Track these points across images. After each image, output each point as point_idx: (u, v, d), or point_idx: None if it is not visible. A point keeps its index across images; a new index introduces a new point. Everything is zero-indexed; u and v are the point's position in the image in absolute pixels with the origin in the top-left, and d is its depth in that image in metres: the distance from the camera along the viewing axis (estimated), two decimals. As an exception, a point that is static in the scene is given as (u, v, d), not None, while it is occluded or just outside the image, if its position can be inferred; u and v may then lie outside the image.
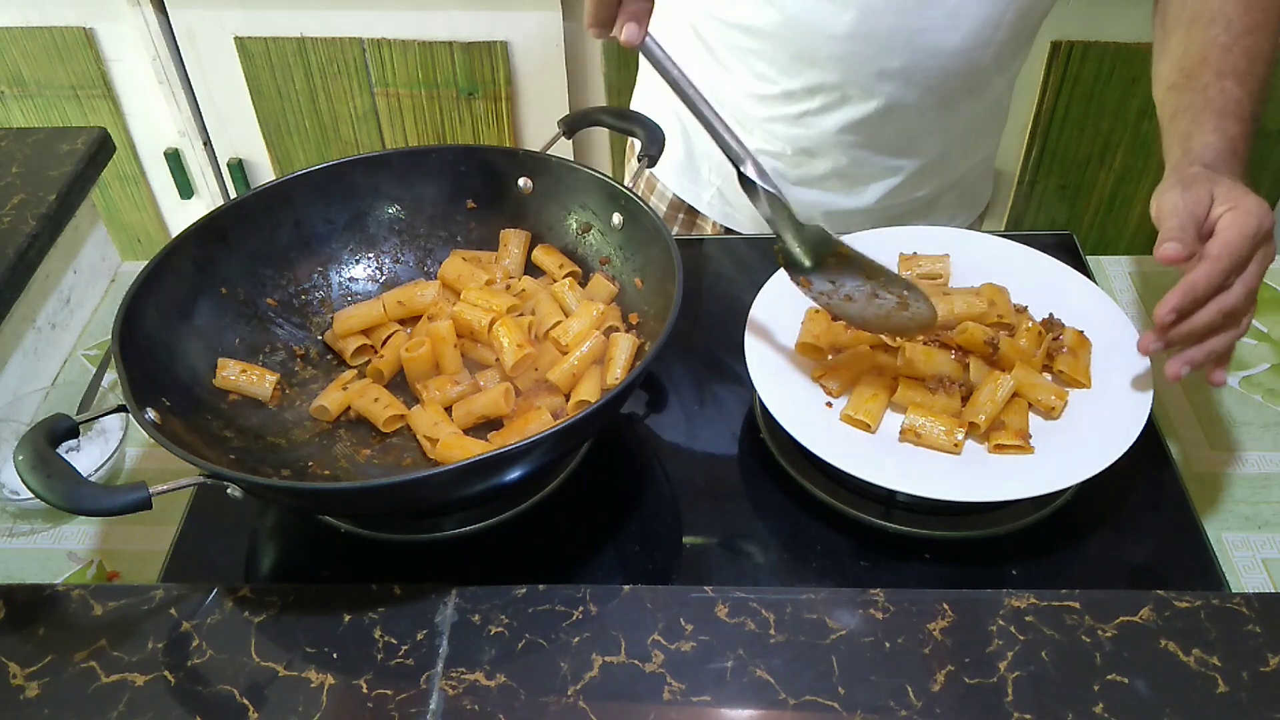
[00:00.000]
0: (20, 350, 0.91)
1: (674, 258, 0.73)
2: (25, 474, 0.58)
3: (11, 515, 0.80)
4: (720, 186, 1.06)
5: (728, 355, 0.88)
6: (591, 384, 0.76)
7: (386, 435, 0.78)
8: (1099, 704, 0.56)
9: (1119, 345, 0.78)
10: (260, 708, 0.58)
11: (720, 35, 0.95)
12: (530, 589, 0.64)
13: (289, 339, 0.83)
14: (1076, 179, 1.70)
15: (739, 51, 0.94)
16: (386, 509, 0.74)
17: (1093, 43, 1.54)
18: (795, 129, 0.96)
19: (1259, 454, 0.80)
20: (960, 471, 0.71)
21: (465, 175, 0.87)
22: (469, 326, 0.79)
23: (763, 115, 0.96)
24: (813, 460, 0.74)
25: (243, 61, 1.67)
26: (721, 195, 1.06)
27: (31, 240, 0.89)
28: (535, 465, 0.68)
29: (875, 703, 0.57)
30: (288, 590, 0.65)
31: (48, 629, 0.63)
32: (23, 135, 1.01)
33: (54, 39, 1.65)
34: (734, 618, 0.62)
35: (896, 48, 0.86)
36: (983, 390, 0.75)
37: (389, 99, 1.71)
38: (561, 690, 0.58)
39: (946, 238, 0.89)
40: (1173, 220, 0.68)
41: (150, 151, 1.80)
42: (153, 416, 0.65)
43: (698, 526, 0.75)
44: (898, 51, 0.87)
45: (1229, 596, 0.62)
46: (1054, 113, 1.61)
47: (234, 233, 0.80)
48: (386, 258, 0.88)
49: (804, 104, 0.93)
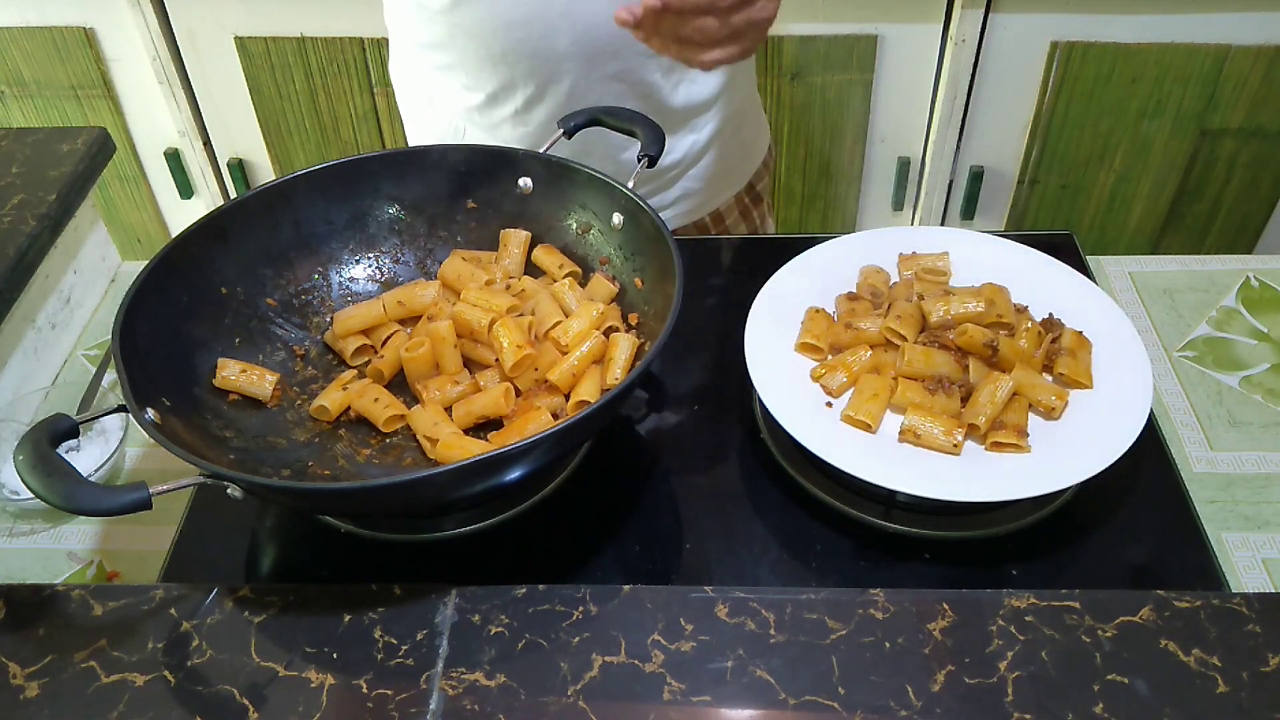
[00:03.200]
0: (20, 350, 0.91)
1: (674, 258, 0.73)
2: (25, 474, 0.58)
3: (11, 515, 0.80)
4: None
5: (728, 355, 0.87)
6: (591, 384, 0.76)
7: (386, 435, 0.78)
8: (1099, 704, 0.56)
9: (1119, 345, 0.78)
10: (260, 708, 0.58)
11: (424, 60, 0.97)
12: (530, 589, 0.64)
13: (289, 339, 0.83)
14: (1076, 179, 1.70)
15: (442, 70, 0.96)
16: (386, 509, 0.74)
17: (1093, 43, 1.54)
18: (520, 128, 0.97)
19: (1259, 454, 0.80)
20: (960, 472, 0.71)
21: (465, 175, 0.87)
22: (469, 326, 0.79)
23: (487, 122, 0.98)
24: (813, 460, 0.74)
25: (243, 61, 1.67)
26: None
27: (31, 240, 0.89)
28: (535, 465, 0.68)
29: (875, 703, 0.57)
30: (288, 590, 0.65)
31: (48, 629, 0.63)
32: (23, 135, 1.01)
33: (54, 39, 1.65)
34: (734, 618, 0.62)
35: (558, 28, 0.88)
36: (982, 391, 0.75)
37: (389, 99, 1.70)
38: (561, 690, 0.58)
39: (947, 238, 0.89)
40: None
41: (150, 151, 1.80)
42: (153, 416, 0.65)
43: (698, 526, 0.75)
44: (561, 31, 0.88)
45: (1229, 596, 0.62)
46: (1054, 113, 1.61)
47: (234, 233, 0.80)
48: (386, 258, 0.88)
49: (511, 103, 0.95)
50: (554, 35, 0.88)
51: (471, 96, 0.97)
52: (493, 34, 0.89)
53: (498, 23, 0.88)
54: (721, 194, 1.09)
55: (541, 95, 0.94)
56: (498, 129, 0.98)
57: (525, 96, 0.94)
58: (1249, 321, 0.91)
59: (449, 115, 1.01)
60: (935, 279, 0.85)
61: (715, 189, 1.08)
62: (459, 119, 1.00)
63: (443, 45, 0.94)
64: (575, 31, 0.88)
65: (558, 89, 0.93)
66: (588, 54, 0.90)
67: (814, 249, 0.87)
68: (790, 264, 0.86)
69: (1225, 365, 0.87)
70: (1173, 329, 0.91)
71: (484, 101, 0.96)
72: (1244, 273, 0.96)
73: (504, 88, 0.94)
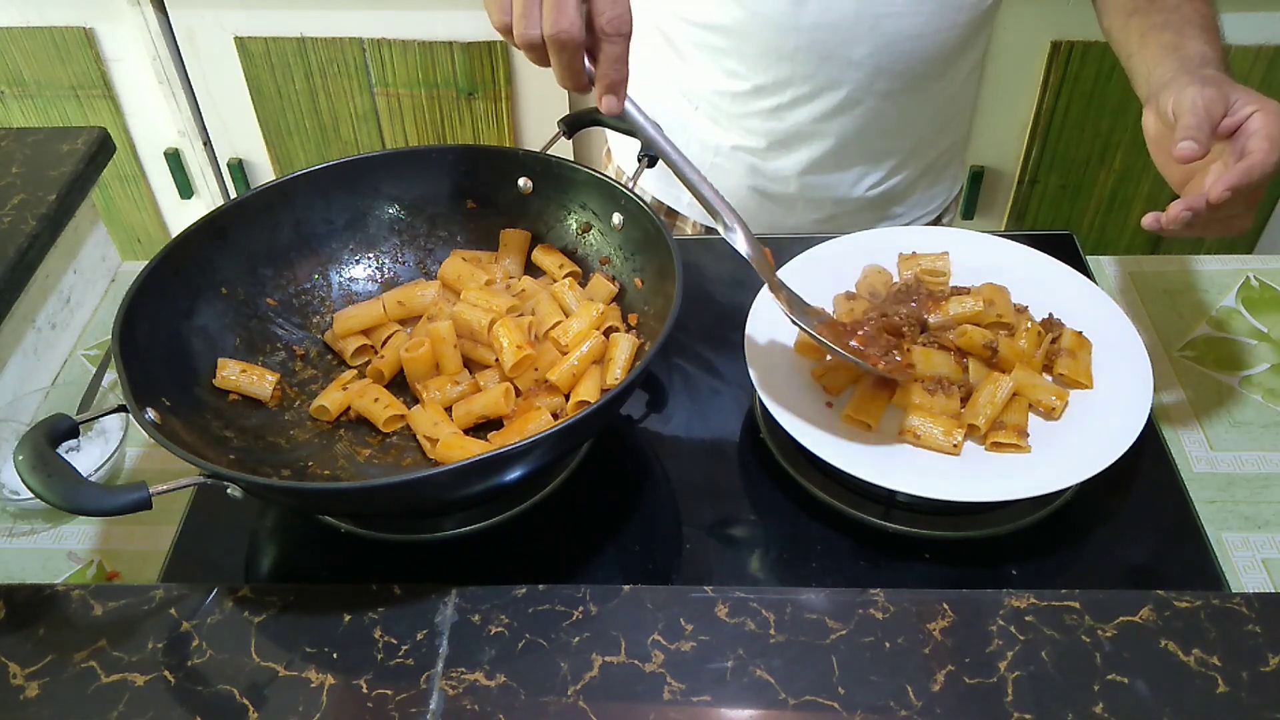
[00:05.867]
0: (20, 350, 0.90)
1: (674, 258, 0.73)
2: (25, 474, 0.58)
3: (11, 515, 0.80)
4: None
5: (728, 355, 0.87)
6: (591, 384, 0.76)
7: (386, 435, 0.78)
8: (1099, 704, 0.56)
9: (1119, 345, 0.78)
10: (260, 708, 0.58)
11: (687, 35, 0.95)
12: (530, 589, 0.64)
13: (289, 339, 0.83)
14: (1076, 179, 1.70)
15: (707, 50, 0.95)
16: (386, 509, 0.74)
17: (1093, 43, 1.54)
18: (769, 123, 0.96)
19: (1259, 454, 0.80)
20: (960, 472, 0.71)
21: (465, 175, 0.87)
22: (469, 327, 0.79)
23: (736, 111, 0.97)
24: (813, 460, 0.74)
25: (243, 61, 1.67)
26: None
27: (31, 240, 0.89)
28: (535, 465, 0.68)
29: (875, 703, 0.57)
30: (288, 590, 0.65)
31: (48, 629, 0.63)
32: (23, 135, 1.01)
33: (54, 39, 1.65)
34: (734, 618, 0.62)
35: (861, 36, 0.87)
36: (982, 392, 0.75)
37: (389, 99, 1.71)
38: (561, 690, 0.58)
39: (947, 238, 0.88)
40: (1190, 119, 0.68)
41: (150, 151, 1.80)
42: (153, 416, 0.65)
43: (698, 527, 0.75)
44: (862, 39, 0.88)
45: (1229, 596, 0.62)
46: (1054, 113, 1.61)
47: (234, 233, 0.80)
48: (386, 258, 0.88)
49: (776, 98, 0.94)
50: (854, 42, 0.88)
51: (733, 83, 0.95)
52: (794, 29, 0.88)
53: (804, 20, 0.87)
54: None
55: (813, 97, 0.93)
56: (745, 120, 0.97)
57: (794, 95, 0.93)
58: (1249, 321, 0.91)
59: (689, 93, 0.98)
60: (935, 279, 0.85)
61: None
62: (700, 99, 0.98)
63: (727, 28, 0.91)
64: (876, 43, 0.88)
65: (833, 94, 0.92)
66: (877, 66, 0.90)
67: (814, 249, 0.87)
68: (790, 264, 0.86)
69: (1225, 365, 0.87)
70: (1173, 329, 0.91)
71: (747, 91, 0.94)
72: (1244, 273, 0.96)
73: (777, 83, 0.93)
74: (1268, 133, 0.67)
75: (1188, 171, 0.73)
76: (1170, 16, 0.77)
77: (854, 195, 1.02)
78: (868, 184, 1.01)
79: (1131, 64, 0.79)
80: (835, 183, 1.01)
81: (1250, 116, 0.68)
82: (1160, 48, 0.75)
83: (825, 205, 1.03)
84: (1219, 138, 0.69)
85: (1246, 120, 0.68)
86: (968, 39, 0.93)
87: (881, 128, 0.96)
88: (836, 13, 0.86)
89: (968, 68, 0.98)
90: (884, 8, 0.86)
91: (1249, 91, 0.70)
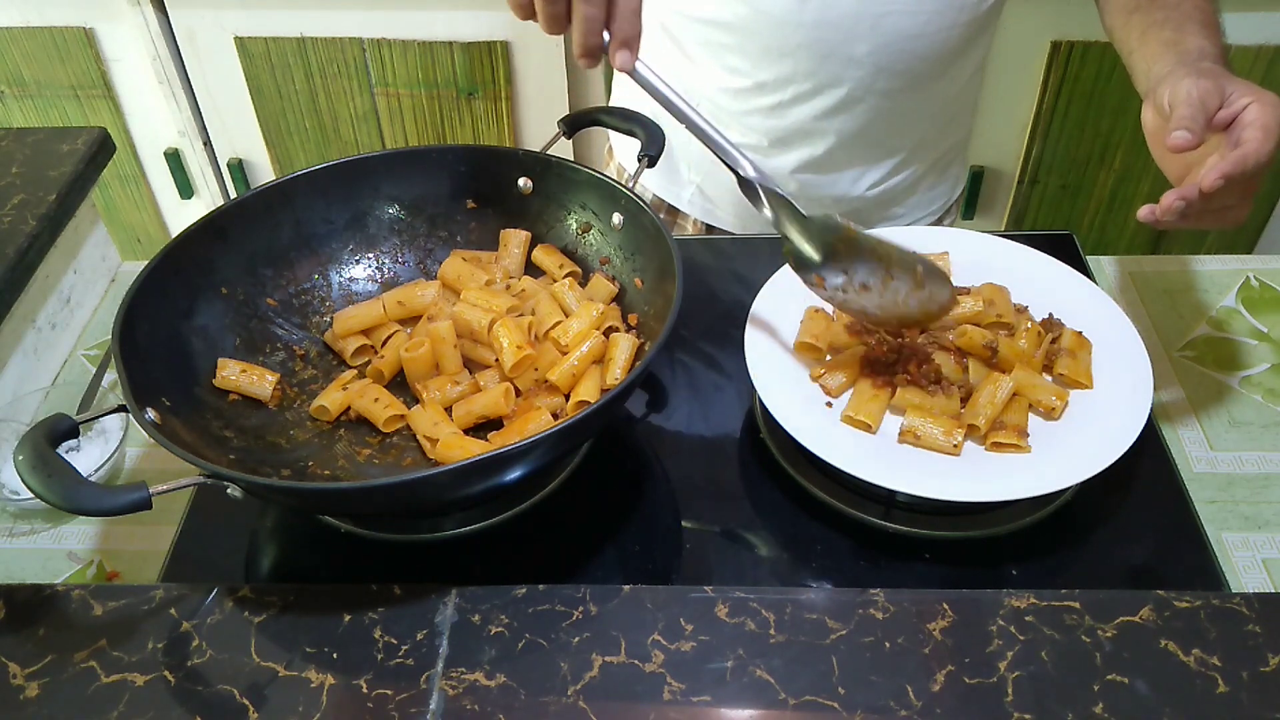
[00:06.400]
0: (20, 350, 0.91)
1: (674, 258, 0.73)
2: (25, 474, 0.58)
3: (11, 515, 0.80)
4: (700, 184, 1.07)
5: (727, 355, 0.88)
6: (591, 384, 0.76)
7: (386, 435, 0.78)
8: (1099, 704, 0.56)
9: (1119, 345, 0.78)
10: (260, 708, 0.58)
11: (689, 31, 0.96)
12: (530, 589, 0.64)
13: (289, 339, 0.83)
14: (1076, 179, 1.70)
15: (709, 46, 0.95)
16: (386, 509, 0.74)
17: (1093, 43, 1.53)
18: (770, 120, 0.96)
19: (1259, 454, 0.80)
20: (960, 472, 0.71)
21: (465, 175, 0.87)
22: (469, 327, 0.79)
23: (737, 109, 0.97)
24: (813, 460, 0.74)
25: (243, 61, 1.67)
26: (701, 192, 1.07)
27: (31, 240, 0.89)
28: (535, 465, 0.68)
29: (875, 703, 0.57)
30: (288, 590, 0.65)
31: (48, 629, 0.63)
32: (23, 135, 1.01)
33: (54, 39, 1.65)
34: (734, 618, 0.62)
35: (862, 34, 0.87)
36: (982, 392, 0.75)
37: (389, 99, 1.71)
38: (561, 690, 0.58)
39: (947, 238, 0.89)
40: (1185, 109, 0.68)
41: (150, 151, 1.80)
42: (153, 416, 0.65)
43: (698, 527, 0.75)
44: (863, 37, 0.88)
45: (1229, 596, 0.62)
46: (1054, 113, 1.61)
47: (234, 233, 0.80)
48: (386, 258, 0.88)
49: (777, 95, 0.94)
50: (855, 40, 0.88)
51: (734, 80, 0.95)
52: (797, 26, 0.88)
53: (806, 17, 0.87)
54: None
55: (814, 94, 0.93)
56: (746, 117, 0.97)
57: (795, 92, 0.93)
58: (1249, 321, 0.91)
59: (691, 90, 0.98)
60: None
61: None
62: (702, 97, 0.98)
63: (730, 25, 0.92)
64: (876, 41, 0.88)
65: (834, 92, 0.92)
66: (877, 65, 0.90)
67: (814, 249, 0.87)
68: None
69: (1225, 365, 0.87)
70: (1173, 329, 0.91)
71: (749, 88, 0.95)
72: (1244, 273, 0.96)
73: (778, 80, 0.93)
74: (1263, 123, 0.67)
75: (1185, 165, 0.73)
76: (1171, 13, 0.77)
77: (854, 195, 1.02)
78: (868, 183, 1.01)
79: (1132, 60, 0.79)
80: (835, 182, 1.01)
81: (1246, 108, 0.68)
82: (1160, 44, 0.76)
83: (825, 204, 1.03)
84: (1215, 129, 0.69)
85: (1242, 112, 0.68)
86: (969, 40, 0.93)
87: (882, 127, 0.96)
88: (838, 10, 0.86)
89: (969, 69, 0.98)
90: (885, 6, 0.86)
91: (1245, 83, 0.70)
